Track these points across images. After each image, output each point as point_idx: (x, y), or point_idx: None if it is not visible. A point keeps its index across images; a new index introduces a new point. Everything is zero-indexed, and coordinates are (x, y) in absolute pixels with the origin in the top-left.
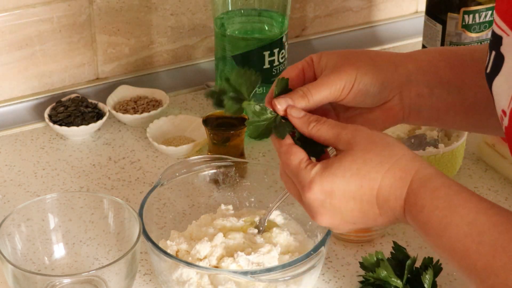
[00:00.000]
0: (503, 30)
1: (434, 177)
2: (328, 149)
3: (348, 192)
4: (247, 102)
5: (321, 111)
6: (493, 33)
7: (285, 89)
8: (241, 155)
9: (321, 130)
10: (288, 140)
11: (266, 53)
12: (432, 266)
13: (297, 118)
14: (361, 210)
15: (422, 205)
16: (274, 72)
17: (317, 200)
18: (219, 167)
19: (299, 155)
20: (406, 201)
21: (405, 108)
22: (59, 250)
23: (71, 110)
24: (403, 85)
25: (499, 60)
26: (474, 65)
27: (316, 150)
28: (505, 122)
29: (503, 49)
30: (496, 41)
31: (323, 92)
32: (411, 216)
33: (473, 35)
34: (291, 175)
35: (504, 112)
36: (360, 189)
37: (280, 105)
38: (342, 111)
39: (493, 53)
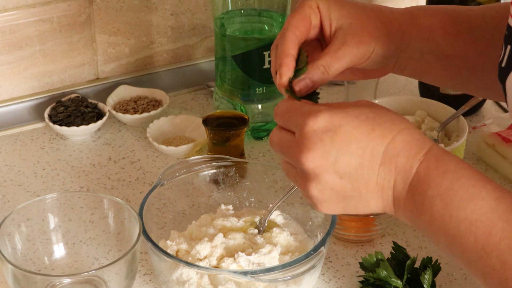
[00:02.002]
0: None
1: (440, 160)
2: None
3: (356, 132)
4: None
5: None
6: (509, 27)
7: (305, 62)
8: (241, 155)
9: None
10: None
11: (266, 53)
12: (431, 266)
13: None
14: (359, 161)
15: (445, 169)
16: None
17: (318, 131)
18: (219, 167)
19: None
20: (423, 163)
21: (395, 66)
22: (59, 250)
23: (71, 110)
24: (402, 50)
25: None
26: (468, 35)
27: (312, 98)
28: None
29: None
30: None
31: (344, 64)
32: (426, 181)
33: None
34: (291, 115)
35: None
36: (371, 133)
37: (299, 87)
38: None
39: (509, 47)
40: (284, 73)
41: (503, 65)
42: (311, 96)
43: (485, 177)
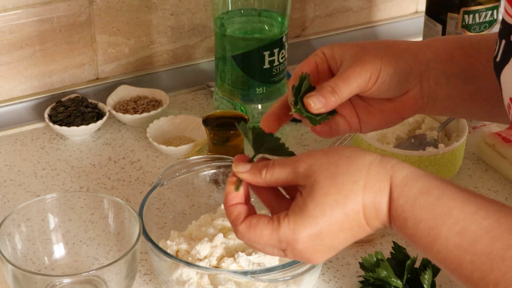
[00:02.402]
0: None
1: (411, 181)
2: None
3: (335, 226)
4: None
5: (340, 105)
6: (503, 22)
7: (310, 87)
8: None
9: (274, 173)
10: (242, 215)
11: (266, 53)
12: (431, 266)
13: (246, 172)
14: (353, 235)
15: (404, 218)
16: (274, 72)
17: (309, 247)
18: (219, 167)
19: (261, 223)
20: (390, 212)
21: (423, 97)
22: (59, 250)
23: (71, 110)
24: (423, 74)
25: (510, 49)
26: (488, 54)
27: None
28: None
29: None
30: (506, 30)
31: (351, 85)
32: (397, 228)
33: (473, 35)
34: (271, 245)
35: (511, 100)
36: (347, 218)
37: (315, 104)
38: (358, 101)
39: (503, 41)
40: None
41: (497, 59)
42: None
43: (446, 208)
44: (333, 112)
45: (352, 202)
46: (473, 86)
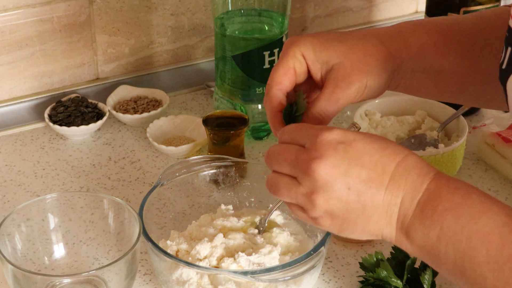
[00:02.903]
0: None
1: (449, 179)
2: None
3: (369, 147)
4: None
5: (307, 91)
6: (509, 29)
7: (304, 107)
8: (241, 155)
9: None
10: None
11: (266, 53)
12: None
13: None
14: (369, 174)
15: (456, 187)
16: None
17: (332, 141)
18: (219, 167)
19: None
20: (434, 180)
21: (390, 85)
22: (59, 250)
23: (71, 110)
24: (395, 72)
25: None
26: (460, 50)
27: None
28: None
29: None
30: None
31: (339, 107)
32: (437, 197)
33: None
34: (302, 132)
35: None
36: (383, 150)
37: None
38: None
39: (509, 49)
40: (274, 123)
41: (503, 67)
42: None
43: (494, 198)
44: None
45: (397, 148)
46: (434, 79)
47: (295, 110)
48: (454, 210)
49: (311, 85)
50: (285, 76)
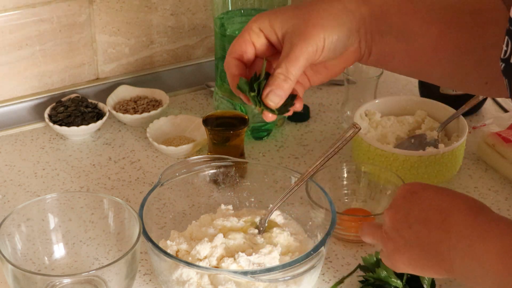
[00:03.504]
0: None
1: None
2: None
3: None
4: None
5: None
6: (511, 20)
7: (267, 75)
8: (241, 155)
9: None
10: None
11: None
12: None
13: None
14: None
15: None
16: None
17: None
18: (219, 167)
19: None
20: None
21: (361, 50)
22: (59, 250)
23: (71, 110)
24: (360, 29)
25: None
26: (427, 15)
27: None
28: None
29: None
30: None
31: (300, 63)
32: (487, 235)
33: None
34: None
35: None
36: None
37: (274, 102)
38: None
39: None
40: (233, 87)
41: (511, 61)
42: (284, 105)
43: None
44: (293, 97)
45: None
46: (404, 44)
47: (257, 77)
48: (497, 256)
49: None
50: (238, 46)
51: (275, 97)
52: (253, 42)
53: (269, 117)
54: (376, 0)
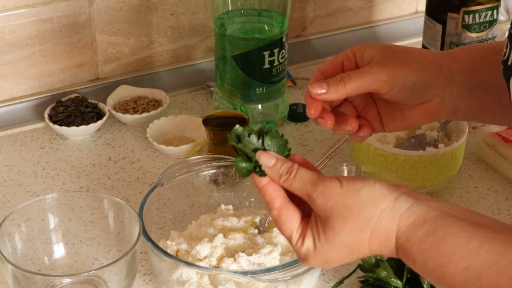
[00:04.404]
0: None
1: (417, 227)
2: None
3: (342, 259)
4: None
5: (363, 102)
6: None
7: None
8: None
9: (292, 185)
10: (278, 201)
11: (266, 53)
12: None
13: (267, 167)
14: (350, 251)
15: (413, 259)
16: (274, 72)
17: (312, 264)
18: (219, 167)
19: (289, 225)
20: (398, 255)
21: (445, 107)
22: (59, 250)
23: (71, 110)
24: (446, 87)
25: None
26: None
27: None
28: None
29: None
30: None
31: (363, 80)
32: (409, 265)
33: (473, 35)
34: (284, 235)
35: None
36: (352, 255)
37: (314, 90)
38: (382, 105)
39: None
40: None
41: (509, 63)
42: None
43: (451, 247)
44: (307, 118)
45: (358, 246)
46: (495, 96)
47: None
48: (425, 278)
49: (364, 105)
50: (330, 65)
51: (318, 86)
52: (343, 63)
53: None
54: (467, 56)
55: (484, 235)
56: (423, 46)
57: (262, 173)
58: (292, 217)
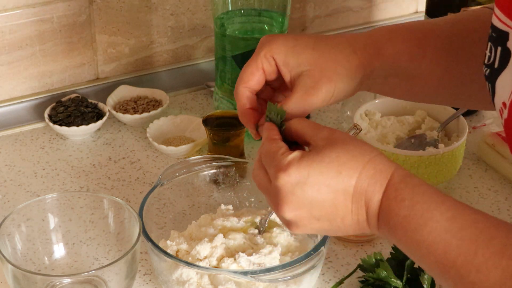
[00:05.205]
0: (508, 26)
1: (413, 176)
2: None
3: (325, 178)
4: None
5: (279, 83)
6: (495, 28)
7: (282, 113)
8: (241, 155)
9: (302, 123)
10: (276, 134)
11: None
12: None
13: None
14: (332, 203)
15: (402, 198)
16: None
17: (289, 184)
18: (219, 167)
19: (281, 144)
20: (385, 194)
21: (361, 89)
22: (59, 250)
23: (71, 110)
24: (365, 79)
25: (506, 55)
26: (435, 55)
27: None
28: (505, 114)
29: (509, 44)
30: (501, 37)
31: (305, 111)
32: (388, 211)
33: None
34: (267, 161)
35: (504, 104)
36: (338, 176)
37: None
38: None
39: (499, 48)
40: (251, 131)
41: (496, 66)
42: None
43: (441, 198)
44: (307, 118)
45: (351, 167)
46: (410, 82)
47: (272, 119)
48: (402, 224)
49: (281, 82)
50: (252, 76)
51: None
52: (264, 69)
53: None
54: (391, 51)
55: (471, 207)
56: None
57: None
58: (283, 145)
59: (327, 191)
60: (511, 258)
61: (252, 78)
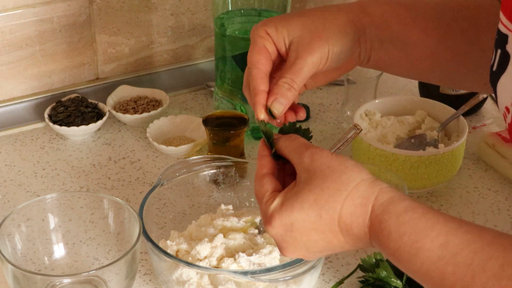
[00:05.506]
0: (508, 29)
1: (397, 201)
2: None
3: (308, 223)
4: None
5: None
6: (499, 32)
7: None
8: (241, 155)
9: (289, 146)
10: (265, 169)
11: None
12: None
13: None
14: (325, 240)
15: (388, 231)
16: None
17: (278, 235)
18: (219, 167)
19: (266, 187)
20: (370, 228)
21: (360, 57)
22: (59, 250)
23: (71, 110)
24: (361, 38)
25: (505, 59)
26: (425, 24)
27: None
28: (508, 119)
29: (508, 48)
30: (502, 40)
31: (304, 75)
32: (379, 243)
33: None
34: (257, 202)
35: (507, 109)
36: (320, 219)
37: (277, 110)
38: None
39: (499, 51)
40: (259, 110)
41: (494, 69)
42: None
43: (430, 222)
44: (307, 118)
45: (329, 208)
46: (402, 52)
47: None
48: (394, 256)
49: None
50: (259, 55)
51: (278, 105)
52: (266, 47)
53: None
54: (377, 9)
55: (461, 221)
56: None
57: (271, 146)
58: (270, 184)
59: (315, 232)
60: (510, 279)
61: (260, 58)
